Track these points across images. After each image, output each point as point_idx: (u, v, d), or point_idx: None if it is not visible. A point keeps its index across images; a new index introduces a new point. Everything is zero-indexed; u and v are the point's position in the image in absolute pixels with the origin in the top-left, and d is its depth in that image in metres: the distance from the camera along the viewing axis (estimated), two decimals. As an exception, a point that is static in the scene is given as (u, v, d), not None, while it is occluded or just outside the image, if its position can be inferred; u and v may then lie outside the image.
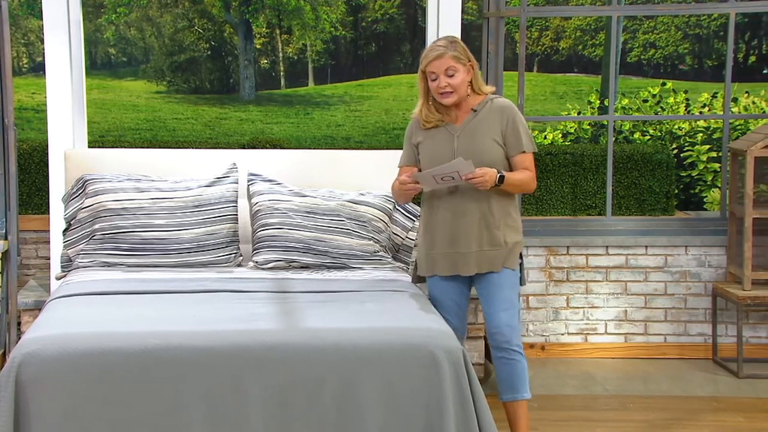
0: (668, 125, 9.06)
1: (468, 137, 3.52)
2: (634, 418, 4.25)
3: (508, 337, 3.52)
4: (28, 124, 14.67)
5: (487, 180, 3.39)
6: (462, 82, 3.48)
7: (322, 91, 19.36)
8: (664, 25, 19.21)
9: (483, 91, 3.57)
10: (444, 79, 3.47)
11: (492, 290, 3.54)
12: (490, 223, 3.50)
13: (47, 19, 4.55)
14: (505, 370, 3.55)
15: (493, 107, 3.54)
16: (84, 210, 4.14)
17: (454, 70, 3.46)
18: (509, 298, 3.55)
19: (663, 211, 7.66)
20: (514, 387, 3.54)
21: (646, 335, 5.20)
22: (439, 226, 3.55)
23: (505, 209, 3.54)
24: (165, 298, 3.48)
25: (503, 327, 3.52)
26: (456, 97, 3.50)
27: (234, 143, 11.72)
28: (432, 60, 3.46)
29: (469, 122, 3.54)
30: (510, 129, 3.52)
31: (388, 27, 20.76)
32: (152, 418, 2.88)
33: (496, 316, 3.52)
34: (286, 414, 2.93)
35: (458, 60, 3.47)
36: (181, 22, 19.23)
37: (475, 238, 3.50)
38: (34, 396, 2.83)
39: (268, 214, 4.14)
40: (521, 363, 3.55)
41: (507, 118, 3.52)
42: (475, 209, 3.49)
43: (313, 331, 3.08)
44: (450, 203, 3.52)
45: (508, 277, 3.54)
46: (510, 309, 3.54)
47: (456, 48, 3.48)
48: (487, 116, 3.53)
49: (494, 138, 3.50)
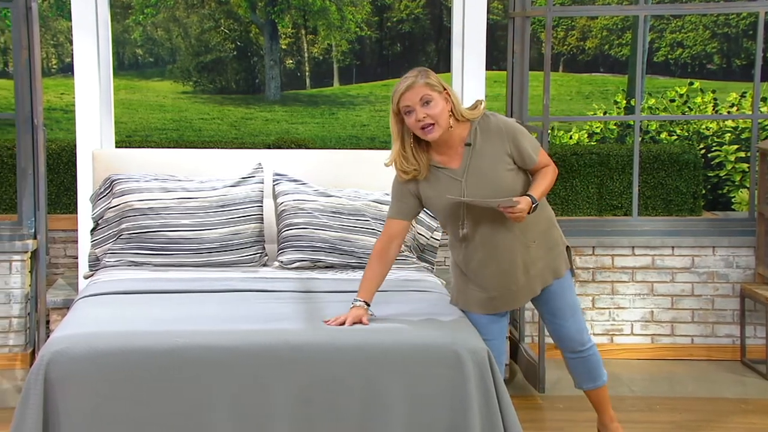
0: (696, 125, 8.98)
1: (477, 178, 3.20)
2: (661, 420, 4.22)
3: (579, 341, 3.44)
4: (57, 125, 14.81)
5: (523, 216, 3.15)
6: (441, 111, 3.12)
7: (348, 91, 19.38)
8: (691, 24, 19.05)
9: (468, 117, 3.22)
10: (421, 110, 3.10)
11: (553, 305, 3.39)
12: (529, 246, 3.28)
13: (76, 20, 4.59)
14: (581, 366, 3.50)
15: (487, 133, 3.22)
16: (111, 210, 4.18)
17: (429, 97, 3.11)
18: (571, 301, 3.41)
19: (690, 211, 7.60)
20: (593, 377, 3.50)
21: (673, 336, 5.16)
22: (480, 270, 3.29)
23: (538, 216, 3.29)
24: (191, 298, 3.50)
25: (574, 334, 3.42)
26: (439, 130, 3.13)
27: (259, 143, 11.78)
28: (404, 92, 3.11)
29: (470, 161, 3.21)
30: (515, 150, 3.23)
31: (414, 27, 20.74)
32: (178, 417, 2.89)
33: (565, 328, 3.41)
34: (311, 413, 2.93)
35: (432, 87, 3.12)
36: (207, 22, 19.34)
37: (521, 272, 3.29)
38: (63, 393, 2.86)
39: (294, 214, 4.15)
40: (595, 355, 3.49)
41: (507, 140, 3.22)
42: (513, 240, 3.25)
43: (337, 331, 3.08)
44: (486, 244, 3.25)
45: (563, 282, 3.38)
46: (576, 313, 3.42)
47: (428, 76, 3.14)
48: (486, 146, 3.22)
49: (505, 167, 3.22)
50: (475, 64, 4.67)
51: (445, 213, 3.28)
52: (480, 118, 3.25)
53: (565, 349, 3.48)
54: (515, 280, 3.30)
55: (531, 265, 3.31)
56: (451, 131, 3.20)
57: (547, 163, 3.32)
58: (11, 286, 4.82)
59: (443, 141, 3.21)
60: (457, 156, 3.24)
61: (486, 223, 3.24)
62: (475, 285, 3.34)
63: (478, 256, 3.29)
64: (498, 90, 11.98)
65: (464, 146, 3.23)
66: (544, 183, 3.27)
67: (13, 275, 4.82)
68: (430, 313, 3.30)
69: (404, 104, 3.13)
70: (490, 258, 3.28)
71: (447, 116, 3.16)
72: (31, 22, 4.54)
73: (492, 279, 3.30)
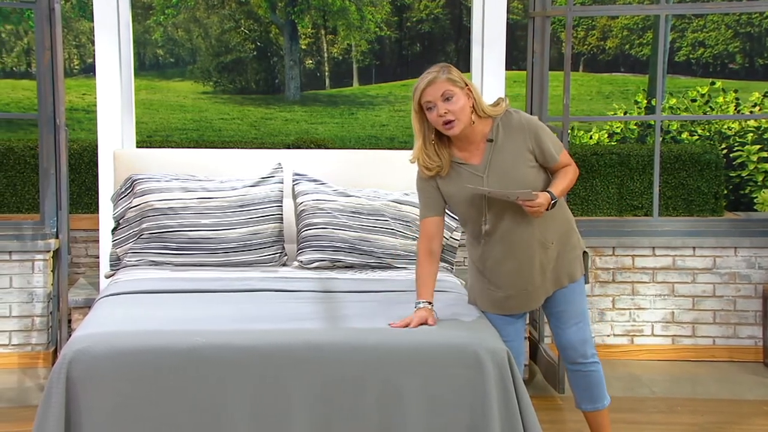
0: (717, 125, 8.93)
1: (498, 174, 3.18)
2: (682, 421, 4.19)
3: (581, 352, 3.35)
4: (79, 125, 14.92)
5: (542, 211, 3.13)
6: (463, 107, 3.11)
7: (367, 91, 19.40)
8: (713, 23, 18.93)
9: (490, 114, 3.21)
10: (442, 106, 3.10)
11: (560, 308, 3.34)
12: (547, 247, 3.24)
13: (98, 21, 4.62)
14: (582, 382, 3.40)
15: (509, 129, 3.20)
16: (132, 209, 4.20)
17: (450, 93, 3.10)
18: (579, 309, 3.34)
19: (712, 211, 7.56)
20: (593, 397, 3.40)
21: (694, 337, 5.13)
22: (497, 268, 3.27)
23: (558, 217, 3.27)
24: (211, 297, 3.52)
25: (577, 343, 3.34)
26: (460, 125, 3.12)
27: (279, 143, 11.82)
28: (425, 87, 3.11)
29: (491, 156, 3.20)
30: (537, 147, 3.21)
31: (433, 27, 20.73)
32: (197, 416, 2.91)
33: (567, 333, 3.34)
34: (329, 413, 2.93)
35: (454, 83, 3.11)
36: (227, 23, 19.42)
37: (537, 272, 3.25)
38: (84, 392, 2.88)
39: (313, 214, 4.16)
40: (597, 372, 3.38)
41: (529, 137, 3.20)
42: (531, 239, 3.22)
43: (357, 331, 3.08)
44: (505, 240, 3.23)
45: (575, 287, 3.33)
46: (581, 321, 3.34)
47: (449, 71, 3.13)
48: (507, 142, 3.20)
49: (526, 164, 3.20)
50: (495, 63, 4.66)
51: (465, 209, 3.27)
52: (502, 115, 3.23)
53: (566, 358, 3.40)
54: (531, 280, 3.28)
55: (547, 266, 3.29)
56: (473, 127, 3.18)
57: (568, 162, 3.30)
58: (34, 285, 4.86)
59: (465, 137, 3.20)
60: (479, 152, 3.22)
61: (506, 220, 3.22)
62: (491, 284, 3.32)
63: (496, 254, 3.27)
64: (518, 90, 11.96)
65: (486, 142, 3.21)
66: (565, 181, 3.24)
67: (35, 274, 4.86)
68: (449, 313, 3.30)
69: (425, 100, 3.12)
70: (508, 255, 3.26)
71: (468, 112, 3.15)
72: (54, 23, 4.57)
73: (508, 277, 3.28)
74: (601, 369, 3.42)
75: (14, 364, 4.86)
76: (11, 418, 4.15)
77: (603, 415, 3.44)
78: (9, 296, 4.85)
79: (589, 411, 3.44)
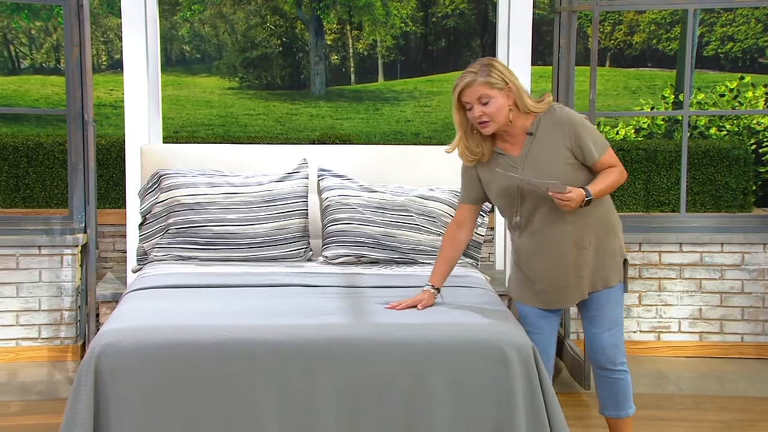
0: (746, 120, 8.83)
1: (534, 167, 3.19)
2: (710, 419, 4.16)
3: (612, 358, 3.32)
4: (107, 120, 15.03)
5: (572, 205, 3.11)
6: (499, 109, 3.14)
7: (392, 86, 19.39)
8: (743, 17, 18.72)
9: (532, 110, 3.21)
10: (478, 108, 3.14)
11: (593, 312, 3.31)
12: (579, 245, 3.22)
13: (125, 17, 4.65)
14: (607, 388, 3.38)
15: (549, 124, 3.20)
16: (159, 204, 4.23)
17: (487, 97, 3.13)
18: (613, 316, 3.31)
19: (740, 207, 7.48)
20: (618, 404, 3.38)
21: (722, 334, 5.09)
22: (530, 262, 3.28)
23: (597, 221, 3.24)
24: (237, 292, 3.53)
25: (607, 348, 3.31)
26: (495, 127, 3.17)
27: (304, 139, 11.84)
28: (463, 89, 3.15)
29: (529, 149, 3.21)
30: (575, 145, 3.19)
31: (459, 22, 20.67)
32: (224, 410, 2.92)
33: (599, 337, 3.31)
34: (356, 408, 2.94)
35: (491, 86, 3.13)
36: (253, 18, 19.48)
37: (571, 267, 3.23)
38: (113, 385, 2.91)
39: (338, 210, 4.17)
40: (625, 381, 3.36)
41: (568, 134, 3.19)
42: (565, 237, 3.21)
43: (383, 326, 3.08)
44: (537, 236, 3.24)
45: (611, 293, 3.30)
46: (614, 328, 3.31)
47: (489, 72, 3.13)
48: (546, 137, 3.20)
49: (563, 160, 3.19)
50: (521, 59, 4.64)
51: (499, 199, 3.29)
52: (546, 110, 3.23)
53: (594, 362, 3.38)
54: (564, 277, 3.26)
55: (583, 267, 3.25)
56: (513, 122, 3.21)
57: (613, 163, 3.25)
58: (62, 279, 4.91)
59: (504, 130, 3.23)
60: (519, 144, 3.24)
61: (540, 215, 3.23)
62: (526, 276, 3.33)
63: (529, 248, 3.27)
64: (543, 85, 11.90)
65: (526, 135, 3.23)
66: (606, 182, 3.20)
67: (64, 269, 4.91)
68: (475, 309, 3.29)
69: (464, 100, 3.18)
70: (539, 251, 3.25)
71: (506, 113, 3.17)
72: (83, 20, 4.61)
73: (540, 272, 3.28)
74: (630, 379, 3.39)
75: (44, 357, 4.92)
76: (41, 411, 4.20)
77: (626, 423, 3.41)
78: (38, 290, 4.91)
79: (611, 418, 3.42)
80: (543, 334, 3.34)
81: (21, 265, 4.89)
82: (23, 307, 4.91)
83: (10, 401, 4.32)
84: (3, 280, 4.88)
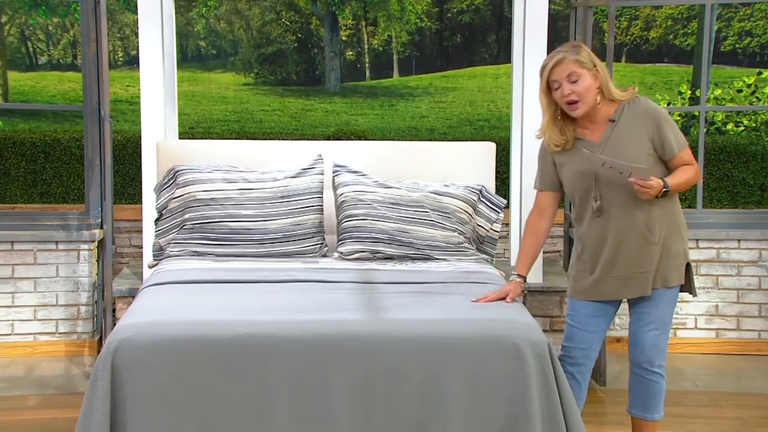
0: (764, 116, 8.77)
1: (613, 153, 3.18)
2: (726, 416, 4.14)
3: (650, 358, 3.30)
4: (123, 116, 15.09)
5: (652, 193, 3.12)
6: (588, 89, 3.16)
7: (407, 82, 19.37)
8: (761, 12, 18.58)
9: (616, 98, 3.23)
10: (567, 86, 3.15)
11: (647, 308, 3.28)
12: (647, 240, 3.21)
13: (142, 13, 4.66)
14: (639, 388, 3.37)
15: (633, 113, 3.21)
16: (175, 200, 4.24)
17: (577, 75, 3.15)
18: (663, 316, 3.28)
19: (757, 203, 7.44)
20: (646, 406, 3.36)
21: (739, 331, 5.06)
22: (595, 251, 3.27)
23: (666, 217, 3.23)
24: (252, 288, 3.54)
25: (648, 347, 3.29)
26: (584, 107, 3.17)
27: (319, 135, 11.85)
28: (552, 67, 3.16)
29: (610, 136, 3.21)
30: (657, 136, 3.19)
31: (474, 18, 20.61)
32: (239, 405, 2.93)
33: (643, 335, 3.29)
34: (370, 403, 2.94)
35: (581, 65, 3.15)
36: (268, 14, 19.51)
37: (635, 260, 3.22)
38: (129, 380, 2.92)
39: (353, 205, 4.17)
40: (659, 384, 3.33)
41: (651, 124, 3.20)
42: (628, 230, 3.21)
43: (398, 321, 3.08)
44: (600, 227, 3.24)
45: (666, 294, 3.27)
46: (660, 328, 3.29)
47: (579, 52, 3.17)
48: (629, 125, 3.21)
49: (644, 150, 3.19)
50: (537, 54, 4.62)
51: (574, 181, 3.28)
52: (630, 100, 3.24)
53: (632, 359, 3.36)
54: (628, 267, 3.24)
55: (648, 263, 3.24)
56: (598, 108, 3.22)
57: (690, 161, 3.26)
58: (79, 274, 4.94)
59: (587, 116, 3.23)
60: (599, 131, 3.25)
61: (614, 203, 3.22)
62: (587, 267, 3.32)
63: (597, 235, 3.26)
64: (559, 80, 11.83)
65: (608, 122, 3.23)
66: (683, 177, 3.21)
67: (81, 264, 4.93)
68: (489, 306, 3.29)
69: (552, 79, 3.18)
70: (608, 238, 3.24)
71: (594, 94, 3.19)
72: (99, 16, 4.63)
73: (606, 260, 3.26)
74: (664, 384, 3.36)
75: (61, 352, 4.95)
76: (59, 405, 4.23)
77: (650, 426, 3.39)
78: (56, 285, 4.94)
79: (636, 417, 3.40)
80: (590, 332, 3.34)
81: (38, 260, 4.92)
82: (41, 302, 4.94)
83: (28, 395, 4.35)
84: (21, 275, 4.92)
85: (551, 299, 4.66)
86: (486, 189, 4.33)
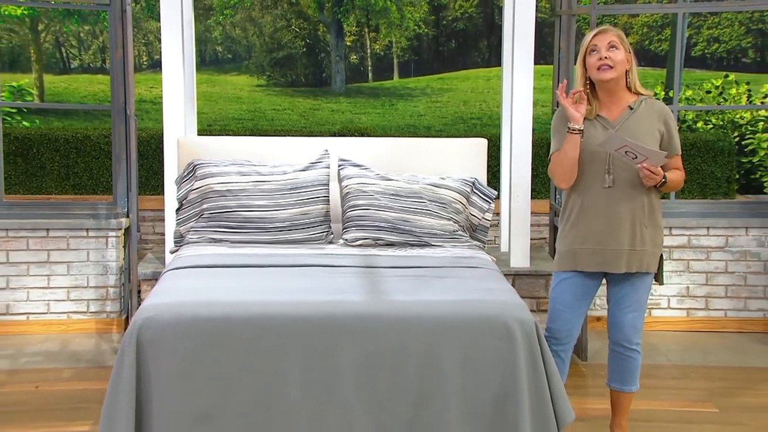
0: (730, 115, 8.74)
1: (626, 134, 3.19)
2: (695, 387, 4.14)
3: (629, 337, 3.32)
4: (147, 115, 15.06)
5: (657, 179, 3.15)
6: (621, 61, 3.19)
7: (406, 84, 19.31)
8: (727, 20, 18.52)
9: (638, 90, 3.27)
10: (604, 51, 3.18)
11: (626, 291, 3.30)
12: (640, 222, 3.22)
13: (164, 21, 4.64)
14: (617, 363, 3.37)
15: (650, 108, 3.26)
16: (194, 191, 4.22)
17: (616, 44, 3.19)
18: (640, 299, 3.30)
19: (724, 194, 7.42)
20: (624, 379, 3.38)
21: (707, 310, 5.05)
22: (591, 222, 3.26)
23: (654, 207, 3.26)
24: (264, 272, 3.53)
25: (626, 327, 3.31)
26: (614, 73, 3.18)
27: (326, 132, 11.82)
28: (596, 34, 3.21)
29: (626, 119, 3.23)
30: (667, 131, 3.25)
31: (467, 25, 20.55)
32: (253, 379, 2.92)
33: (622, 317, 3.30)
34: (374, 379, 2.93)
35: (622, 40, 3.21)
36: (280, 22, 19.45)
37: (627, 237, 3.22)
38: (153, 355, 2.91)
39: (357, 196, 4.15)
40: (636, 360, 3.35)
41: (665, 121, 3.25)
42: (627, 208, 3.21)
43: (398, 303, 3.07)
44: (603, 201, 3.23)
45: (645, 280, 3.29)
46: (638, 310, 3.31)
47: (620, 33, 3.24)
48: (645, 116, 3.24)
49: (654, 139, 3.21)
50: (525, 58, 4.59)
51: (586, 153, 3.24)
52: (648, 97, 3.28)
53: (612, 337, 3.36)
54: (620, 242, 3.22)
55: (637, 242, 3.23)
56: (620, 94, 3.25)
57: (680, 167, 3.32)
58: (107, 259, 4.93)
59: (610, 96, 3.25)
60: (618, 113, 3.26)
61: (621, 180, 3.21)
62: (578, 236, 3.29)
63: (594, 208, 3.24)
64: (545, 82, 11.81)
65: (627, 108, 3.25)
66: (675, 176, 3.27)
67: (109, 249, 4.93)
68: (482, 288, 3.27)
69: (593, 43, 3.21)
70: (605, 212, 3.22)
71: (623, 69, 3.21)
72: (126, 24, 4.61)
73: (601, 230, 3.24)
74: (640, 359, 3.37)
75: (92, 329, 4.95)
76: (89, 377, 4.23)
77: (627, 397, 3.40)
78: (87, 269, 4.93)
79: (615, 390, 3.41)
80: (572, 314, 3.33)
81: (71, 246, 4.91)
82: (73, 284, 4.94)
83: (63, 368, 4.35)
84: (56, 260, 4.91)
85: (538, 282, 4.65)
86: (478, 181, 4.31)
